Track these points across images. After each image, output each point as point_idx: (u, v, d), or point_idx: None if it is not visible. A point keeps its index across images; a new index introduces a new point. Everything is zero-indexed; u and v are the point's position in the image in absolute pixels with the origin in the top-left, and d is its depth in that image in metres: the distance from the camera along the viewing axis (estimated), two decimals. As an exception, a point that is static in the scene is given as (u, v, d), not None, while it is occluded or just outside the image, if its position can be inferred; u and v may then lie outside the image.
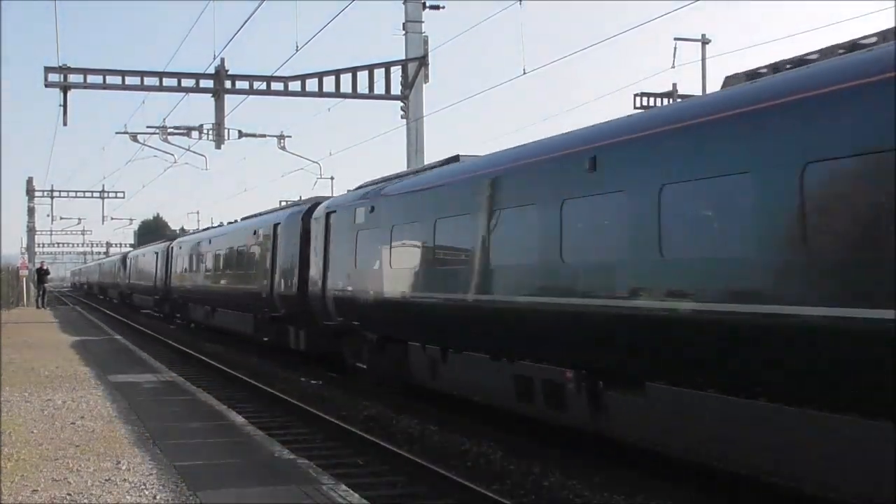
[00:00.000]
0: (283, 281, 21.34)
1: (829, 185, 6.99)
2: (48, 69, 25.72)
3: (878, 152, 6.41)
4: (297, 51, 24.07)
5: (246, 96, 27.74)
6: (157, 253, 41.84)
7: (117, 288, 61.20)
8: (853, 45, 7.54)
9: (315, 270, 18.50)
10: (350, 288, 16.46)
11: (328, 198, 20.89)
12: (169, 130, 32.28)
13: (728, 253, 7.75)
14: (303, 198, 26.98)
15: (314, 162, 39.99)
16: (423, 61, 26.30)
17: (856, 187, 6.82)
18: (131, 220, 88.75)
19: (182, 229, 78.54)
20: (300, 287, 19.65)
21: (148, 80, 26.72)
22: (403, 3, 26.08)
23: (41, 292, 50.53)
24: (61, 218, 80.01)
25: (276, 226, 22.34)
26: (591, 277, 9.70)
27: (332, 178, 43.96)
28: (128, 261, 55.07)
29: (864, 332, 6.48)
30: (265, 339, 23.23)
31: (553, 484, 9.77)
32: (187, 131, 31.84)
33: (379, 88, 26.91)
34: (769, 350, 7.38)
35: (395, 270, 14.55)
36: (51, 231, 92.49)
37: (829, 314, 6.76)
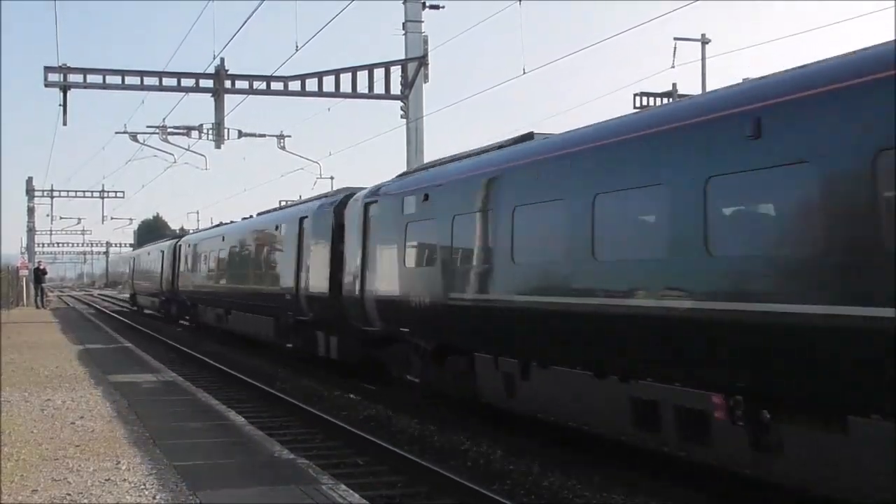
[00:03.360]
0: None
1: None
2: (48, 69, 25.73)
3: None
4: (297, 51, 24.13)
5: (246, 96, 27.78)
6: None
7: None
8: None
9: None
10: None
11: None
12: (169, 130, 32.30)
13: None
14: (302, 197, 27.57)
15: (314, 162, 40.19)
16: (422, 61, 26.30)
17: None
18: (131, 220, 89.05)
19: (182, 229, 78.60)
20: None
21: (148, 80, 26.72)
22: (403, 3, 26.07)
23: (39, 292, 50.67)
24: (61, 218, 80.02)
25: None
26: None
27: (331, 178, 44.10)
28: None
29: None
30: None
31: (553, 484, 9.79)
32: (187, 131, 31.85)
33: (379, 88, 26.91)
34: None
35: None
36: (51, 231, 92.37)
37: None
